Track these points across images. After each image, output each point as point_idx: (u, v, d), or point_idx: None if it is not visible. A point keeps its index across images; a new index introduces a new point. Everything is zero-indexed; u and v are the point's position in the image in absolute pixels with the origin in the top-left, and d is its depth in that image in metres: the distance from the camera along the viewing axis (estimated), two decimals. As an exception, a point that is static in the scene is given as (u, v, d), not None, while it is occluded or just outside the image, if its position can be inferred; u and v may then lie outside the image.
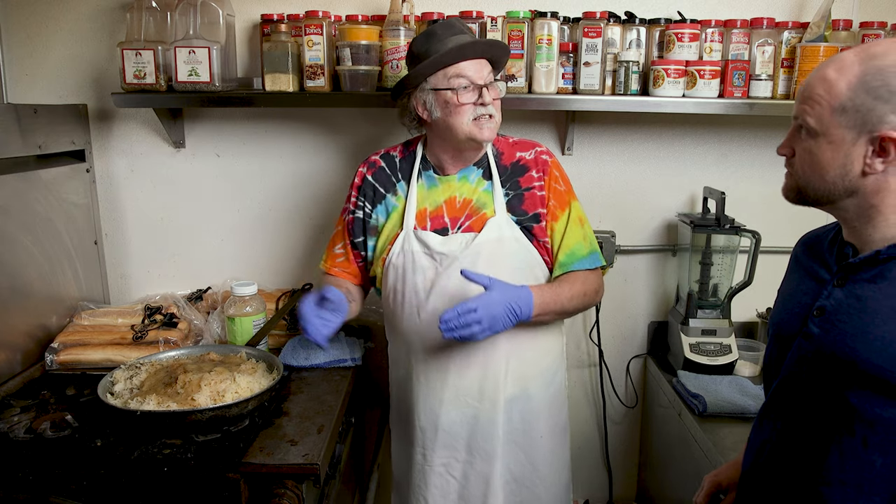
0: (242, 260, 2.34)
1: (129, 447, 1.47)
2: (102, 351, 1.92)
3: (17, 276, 1.87)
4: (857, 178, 1.01)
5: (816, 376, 1.05)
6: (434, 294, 1.61)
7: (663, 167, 2.26)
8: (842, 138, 1.00)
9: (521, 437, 1.68)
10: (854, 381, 1.00)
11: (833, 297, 1.06)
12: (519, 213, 1.64)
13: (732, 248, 2.14)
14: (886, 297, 0.99)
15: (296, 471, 1.44)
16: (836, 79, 1.00)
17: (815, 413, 1.05)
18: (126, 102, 2.02)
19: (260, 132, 2.26)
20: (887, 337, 0.97)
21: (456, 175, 1.67)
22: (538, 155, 1.69)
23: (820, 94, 1.01)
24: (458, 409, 1.65)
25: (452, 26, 1.59)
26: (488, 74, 1.60)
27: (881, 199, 1.01)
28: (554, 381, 1.73)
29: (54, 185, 2.02)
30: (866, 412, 0.98)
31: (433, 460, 1.69)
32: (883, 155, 0.98)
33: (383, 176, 1.74)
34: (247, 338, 1.93)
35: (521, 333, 1.62)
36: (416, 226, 1.65)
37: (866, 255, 1.03)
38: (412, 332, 1.66)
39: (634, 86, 2.00)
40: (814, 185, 1.05)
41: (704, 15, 2.06)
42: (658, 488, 2.28)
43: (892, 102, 0.96)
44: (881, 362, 0.97)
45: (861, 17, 2.09)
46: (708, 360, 2.04)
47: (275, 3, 2.15)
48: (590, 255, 1.67)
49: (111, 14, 2.16)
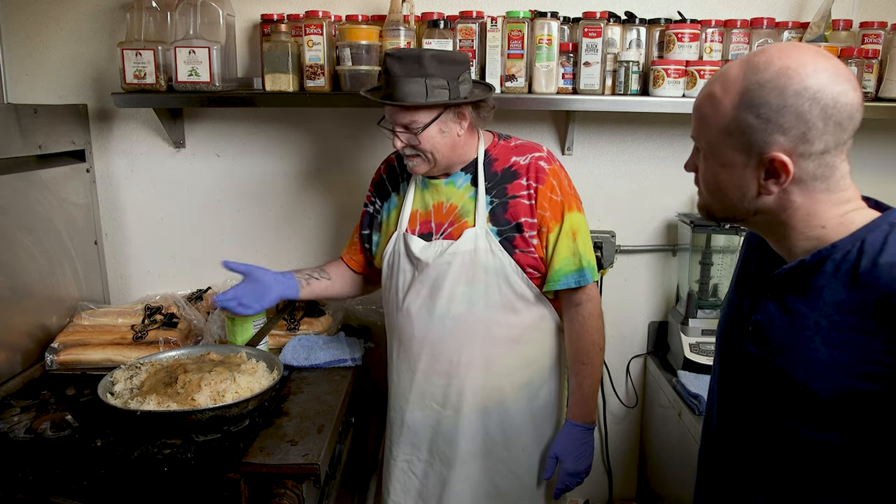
0: (242, 260, 2.33)
1: (129, 447, 1.47)
2: (102, 351, 1.92)
3: (17, 276, 1.87)
4: (756, 198, 0.94)
5: (756, 396, 1.01)
6: (409, 296, 1.65)
7: (663, 167, 2.26)
8: (733, 161, 0.93)
9: (502, 450, 1.68)
10: (791, 402, 0.95)
11: (766, 310, 1.00)
12: (501, 222, 1.60)
13: (732, 248, 2.14)
14: (812, 310, 0.93)
15: (296, 471, 1.44)
16: (722, 97, 0.92)
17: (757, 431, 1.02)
18: (126, 102, 2.02)
19: (260, 132, 2.26)
20: (812, 356, 0.92)
21: (443, 180, 1.67)
22: (534, 161, 1.62)
23: (708, 113, 0.95)
24: (422, 410, 1.69)
25: (401, 61, 1.49)
26: (404, 118, 1.53)
27: (788, 216, 0.94)
28: (539, 395, 1.70)
29: (54, 185, 2.02)
30: (805, 436, 0.94)
31: (398, 455, 1.74)
32: (775, 177, 0.91)
33: (393, 175, 1.77)
34: (247, 338, 1.93)
35: (494, 347, 1.63)
36: (408, 228, 1.68)
37: (792, 265, 0.96)
38: (392, 328, 1.74)
39: (634, 86, 2.00)
40: (717, 206, 1.00)
41: (704, 15, 2.05)
42: (658, 488, 2.28)
43: (775, 121, 0.88)
44: (809, 383, 0.92)
45: (861, 17, 2.09)
46: (708, 360, 2.03)
47: (275, 3, 2.15)
48: (577, 271, 1.60)
49: (111, 14, 2.16)
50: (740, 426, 1.06)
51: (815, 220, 0.94)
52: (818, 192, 0.92)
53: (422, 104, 1.50)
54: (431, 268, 1.61)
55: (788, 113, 0.88)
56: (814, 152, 0.89)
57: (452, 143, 1.58)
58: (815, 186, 0.92)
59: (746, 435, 1.05)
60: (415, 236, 1.65)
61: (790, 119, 0.88)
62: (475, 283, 1.59)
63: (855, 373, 0.88)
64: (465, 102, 1.55)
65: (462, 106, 1.55)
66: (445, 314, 1.61)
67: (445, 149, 1.57)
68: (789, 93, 0.87)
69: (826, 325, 0.91)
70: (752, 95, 0.89)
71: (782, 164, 0.89)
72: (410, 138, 1.55)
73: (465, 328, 1.61)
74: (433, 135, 1.54)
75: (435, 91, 1.50)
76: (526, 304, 1.63)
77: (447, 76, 1.50)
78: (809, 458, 0.96)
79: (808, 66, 0.88)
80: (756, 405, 1.02)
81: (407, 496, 1.74)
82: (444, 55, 1.54)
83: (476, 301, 1.59)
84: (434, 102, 1.50)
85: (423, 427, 1.69)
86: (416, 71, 1.48)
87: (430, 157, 1.57)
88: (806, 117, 0.87)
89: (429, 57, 1.49)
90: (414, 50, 1.69)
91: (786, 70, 0.88)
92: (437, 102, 1.51)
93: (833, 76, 0.87)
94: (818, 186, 0.92)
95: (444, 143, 1.56)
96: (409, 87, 1.49)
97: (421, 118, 1.52)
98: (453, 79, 1.51)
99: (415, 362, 1.67)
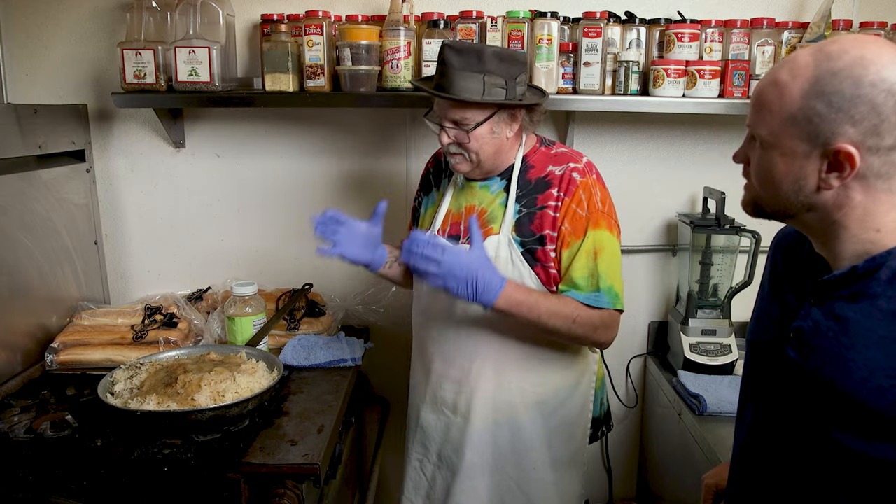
0: (242, 260, 2.34)
1: (129, 447, 1.47)
2: (102, 351, 1.92)
3: (17, 276, 1.86)
4: (813, 193, 0.90)
5: (796, 404, 0.97)
6: (428, 297, 1.65)
7: (663, 167, 2.26)
8: (794, 150, 0.89)
9: (512, 467, 1.63)
10: (836, 412, 0.91)
11: (811, 317, 0.95)
12: (526, 233, 1.53)
13: (732, 248, 2.14)
14: (867, 318, 0.88)
15: (296, 471, 1.44)
16: (789, 83, 0.88)
17: (797, 441, 0.97)
18: (126, 102, 2.01)
19: (260, 132, 2.26)
20: (869, 365, 0.87)
21: (479, 183, 1.63)
22: (568, 172, 1.53)
23: (771, 100, 0.90)
24: (434, 413, 1.68)
25: (460, 54, 1.44)
26: (455, 114, 1.48)
27: (844, 214, 0.90)
28: (556, 415, 1.63)
29: (54, 185, 2.02)
30: (850, 447, 0.89)
31: (411, 453, 1.75)
32: (838, 170, 0.87)
33: (438, 171, 1.75)
34: (247, 338, 1.93)
35: (508, 360, 1.59)
36: (441, 228, 1.64)
37: (842, 271, 0.91)
38: (414, 327, 1.75)
39: (634, 86, 2.00)
40: (768, 199, 0.96)
41: (704, 15, 2.05)
42: (658, 488, 2.28)
43: (846, 111, 0.84)
44: (864, 395, 0.87)
45: (861, 17, 2.09)
46: (708, 360, 2.04)
47: (275, 3, 2.15)
48: (593, 293, 1.49)
49: (111, 14, 2.16)
50: (777, 433, 1.02)
51: (870, 221, 0.90)
52: (879, 192, 0.89)
53: (478, 101, 1.44)
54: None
55: (862, 103, 0.84)
56: (882, 147, 0.86)
57: (500, 145, 1.53)
58: (876, 185, 0.88)
59: (784, 442, 1.01)
60: (443, 238, 1.60)
61: (863, 109, 0.84)
62: None
63: None
64: (521, 105, 1.50)
65: (516, 108, 1.50)
66: (461, 321, 1.59)
67: (492, 150, 1.52)
68: (865, 83, 0.84)
69: (885, 335, 0.87)
70: (825, 83, 0.85)
71: (848, 155, 0.85)
72: (459, 135, 1.49)
73: (480, 337, 1.59)
74: (483, 134, 1.49)
75: (493, 89, 1.44)
76: None
77: (506, 75, 1.45)
78: (858, 470, 0.91)
79: (884, 58, 0.85)
80: (796, 412, 0.98)
81: (417, 496, 1.74)
82: (505, 53, 1.47)
83: None
84: (490, 101, 1.45)
85: (435, 430, 1.68)
86: (475, 66, 1.42)
87: (474, 157, 1.52)
88: (880, 109, 0.84)
89: (490, 53, 1.43)
90: (475, 44, 1.63)
91: (861, 59, 0.85)
92: (493, 101, 1.45)
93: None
94: (880, 185, 0.88)
95: (492, 144, 1.51)
96: (465, 82, 1.43)
97: (474, 116, 1.47)
98: (511, 78, 1.45)
99: (429, 364, 1.67)
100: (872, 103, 0.84)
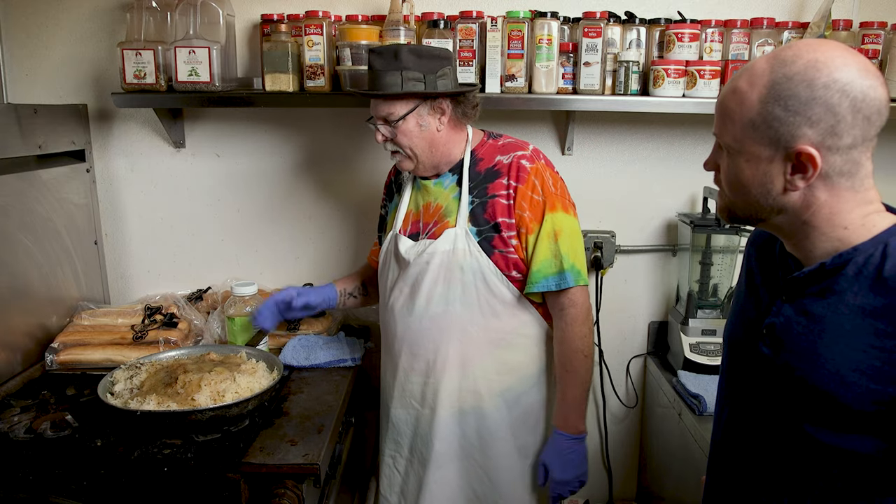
0: (242, 260, 2.34)
1: (129, 447, 1.47)
2: (102, 351, 1.92)
3: (17, 276, 1.86)
4: (781, 195, 0.93)
5: (769, 399, 1.00)
6: (393, 294, 1.69)
7: (663, 167, 2.26)
8: (758, 155, 0.92)
9: (479, 454, 1.68)
10: (808, 406, 0.94)
11: (783, 313, 0.98)
12: (481, 222, 1.59)
13: (732, 248, 2.14)
14: (835, 313, 0.92)
15: (296, 471, 1.44)
16: (748, 90, 0.91)
17: (771, 436, 1.00)
18: (126, 102, 2.02)
19: (260, 132, 2.26)
20: (837, 360, 0.90)
21: (432, 181, 1.68)
22: (517, 160, 1.60)
23: (733, 108, 0.93)
24: (403, 408, 1.71)
25: (381, 56, 1.55)
26: (382, 111, 1.57)
27: (812, 214, 0.93)
28: (520, 403, 1.68)
29: (54, 185, 2.02)
30: (822, 440, 0.93)
31: (384, 450, 1.78)
32: (802, 171, 0.90)
33: (398, 178, 1.81)
34: (247, 338, 1.93)
35: (471, 349, 1.62)
36: (401, 228, 1.70)
37: (811, 268, 0.94)
38: (382, 325, 1.79)
39: (634, 86, 2.00)
40: (741, 204, 0.98)
41: (704, 15, 2.06)
42: (658, 488, 2.28)
43: (803, 113, 0.87)
44: (832, 388, 0.90)
45: (861, 17, 2.09)
46: (708, 360, 2.04)
47: (275, 3, 2.15)
48: (558, 273, 1.57)
49: (111, 14, 2.16)
50: (752, 429, 1.05)
51: (837, 219, 0.93)
52: (843, 190, 0.91)
53: (396, 93, 1.53)
54: (412, 267, 1.63)
55: (817, 105, 0.87)
56: (841, 146, 0.88)
57: (431, 138, 1.60)
58: (840, 183, 0.91)
59: (759, 438, 1.03)
60: (404, 236, 1.68)
61: (819, 111, 0.87)
62: (452, 283, 1.60)
63: (883, 377, 0.87)
64: (439, 94, 1.56)
65: (439, 99, 1.57)
66: (423, 313, 1.63)
67: (424, 144, 1.59)
68: (818, 85, 0.87)
69: (850, 329, 0.90)
70: (781, 88, 0.88)
71: (810, 157, 0.88)
72: (389, 131, 1.58)
73: (442, 328, 1.62)
74: (410, 128, 1.57)
75: (410, 83, 1.53)
76: (507, 307, 1.62)
77: (424, 70, 1.54)
78: (830, 462, 0.94)
79: (836, 60, 0.87)
80: (770, 407, 1.01)
81: (392, 492, 1.77)
82: (423, 50, 1.57)
83: (453, 301, 1.60)
84: (408, 91, 1.53)
85: (405, 425, 1.71)
86: (393, 64, 1.52)
87: (409, 152, 1.60)
88: (835, 110, 0.86)
89: (406, 51, 1.53)
90: (393, 45, 1.71)
91: (815, 63, 0.87)
92: (410, 91, 1.53)
93: (862, 70, 0.87)
94: (843, 183, 0.91)
95: (422, 137, 1.59)
96: (386, 80, 1.53)
97: (397, 109, 1.56)
98: (430, 72, 1.54)
99: (396, 359, 1.70)
100: (827, 104, 0.87)
